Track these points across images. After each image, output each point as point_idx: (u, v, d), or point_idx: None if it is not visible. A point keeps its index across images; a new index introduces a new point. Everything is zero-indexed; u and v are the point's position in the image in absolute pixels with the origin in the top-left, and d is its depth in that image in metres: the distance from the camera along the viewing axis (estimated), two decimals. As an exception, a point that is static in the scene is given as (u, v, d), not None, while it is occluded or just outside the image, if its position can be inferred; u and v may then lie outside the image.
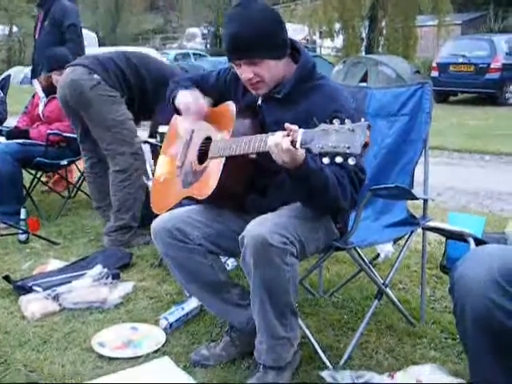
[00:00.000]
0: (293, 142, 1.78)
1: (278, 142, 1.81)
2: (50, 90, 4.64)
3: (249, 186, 2.22)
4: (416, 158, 2.64)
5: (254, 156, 2.02)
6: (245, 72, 2.13)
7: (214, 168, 2.20)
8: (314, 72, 2.23)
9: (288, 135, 1.80)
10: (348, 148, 1.63)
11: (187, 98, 2.38)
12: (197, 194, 2.29)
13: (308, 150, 1.74)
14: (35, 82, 4.80)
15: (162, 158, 2.71)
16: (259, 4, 2.12)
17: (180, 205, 2.41)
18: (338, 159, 1.65)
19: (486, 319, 1.52)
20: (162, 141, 2.97)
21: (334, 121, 1.68)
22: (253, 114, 2.25)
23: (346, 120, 1.67)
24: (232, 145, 2.09)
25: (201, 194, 2.25)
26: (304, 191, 1.99)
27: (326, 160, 1.67)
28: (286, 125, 1.81)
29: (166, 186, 2.56)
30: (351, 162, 1.64)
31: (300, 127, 1.78)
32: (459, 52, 14.15)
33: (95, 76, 3.65)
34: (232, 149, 2.09)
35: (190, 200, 2.35)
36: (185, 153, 2.45)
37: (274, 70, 2.13)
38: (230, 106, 2.27)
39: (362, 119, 1.67)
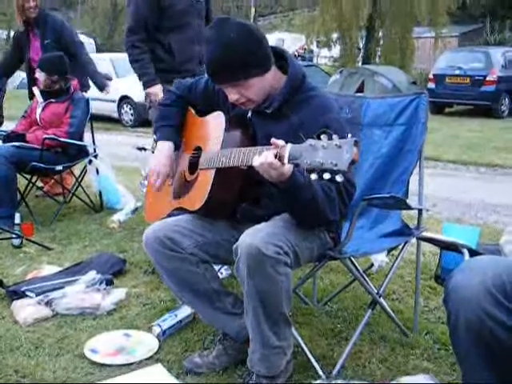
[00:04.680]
0: (281, 158, 1.78)
1: (264, 160, 1.81)
2: (48, 93, 4.65)
3: (240, 196, 2.21)
4: (411, 168, 2.65)
5: (244, 168, 2.02)
6: (230, 94, 2.12)
7: (205, 179, 2.20)
8: (304, 83, 2.19)
9: (275, 153, 1.79)
10: (335, 165, 1.62)
11: (159, 161, 2.40)
12: (188, 205, 2.28)
13: (296, 166, 1.75)
14: (35, 88, 4.81)
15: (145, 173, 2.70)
16: (233, 23, 2.06)
17: (172, 214, 2.40)
18: (326, 176, 1.65)
19: (479, 330, 1.52)
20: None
21: (322, 136, 1.67)
22: (243, 126, 2.23)
23: (333, 136, 1.66)
24: (222, 157, 2.09)
25: (192, 205, 2.25)
26: (291, 204, 1.99)
27: (313, 176, 1.67)
28: (273, 140, 1.81)
29: (158, 195, 2.55)
30: (339, 178, 1.64)
31: (291, 141, 1.78)
32: (455, 64, 14.23)
33: None
34: (221, 161, 2.08)
35: (182, 210, 2.35)
36: (176, 162, 2.45)
37: (259, 86, 2.10)
38: (220, 117, 2.26)
39: (349, 135, 1.66)
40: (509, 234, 2.50)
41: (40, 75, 4.65)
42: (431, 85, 14.33)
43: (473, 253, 2.33)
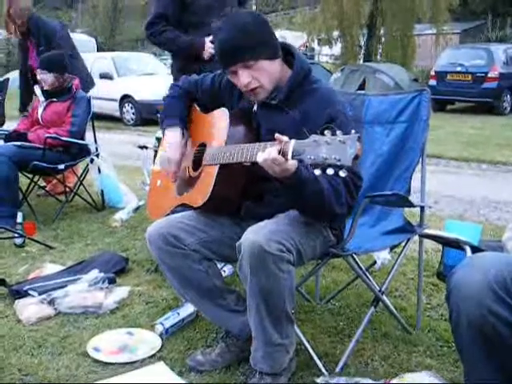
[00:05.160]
0: (284, 154, 1.78)
1: (268, 157, 1.81)
2: (49, 93, 4.65)
3: (244, 193, 2.22)
4: (413, 165, 2.64)
5: (248, 164, 2.02)
6: (242, 77, 2.11)
7: (209, 175, 2.20)
8: (309, 76, 2.21)
9: (279, 148, 1.79)
10: (339, 160, 1.62)
11: (170, 149, 2.38)
12: (191, 201, 2.29)
13: (300, 161, 1.75)
14: (36, 87, 4.80)
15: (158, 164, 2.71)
16: (245, 12, 2.16)
17: (175, 211, 2.41)
18: (330, 171, 1.65)
19: (481, 326, 1.52)
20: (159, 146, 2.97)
21: (325, 132, 1.68)
22: (247, 121, 2.24)
23: (336, 131, 1.67)
24: (226, 153, 2.09)
25: (195, 201, 2.25)
26: (298, 199, 1.98)
27: (317, 171, 1.68)
28: (277, 135, 1.81)
29: (161, 192, 2.56)
30: (342, 174, 1.64)
31: (295, 134, 1.79)
32: (457, 61, 14.21)
33: None
34: (226, 157, 2.09)
35: (185, 207, 2.35)
36: (180, 158, 2.45)
37: (269, 70, 2.12)
38: (224, 113, 2.26)
39: (353, 131, 1.66)
40: (511, 230, 2.50)
41: (47, 76, 4.60)
42: (433, 82, 14.32)
43: (475, 249, 2.32)
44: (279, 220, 2.08)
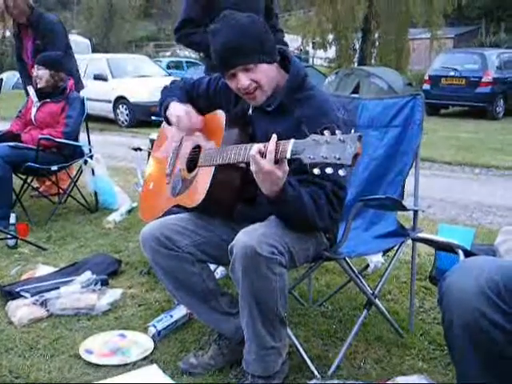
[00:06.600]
0: (283, 153, 1.79)
1: (261, 160, 1.84)
2: (43, 93, 4.63)
3: (238, 195, 2.22)
4: (407, 169, 2.65)
5: (243, 165, 2.02)
6: (241, 80, 2.10)
7: (204, 177, 2.20)
8: (305, 82, 2.21)
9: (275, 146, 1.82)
10: (338, 159, 1.63)
11: (179, 112, 2.34)
12: (186, 202, 2.28)
13: (298, 161, 1.75)
14: (30, 88, 4.79)
15: (151, 165, 2.71)
16: (241, 14, 2.13)
17: (169, 212, 2.40)
18: (329, 170, 1.65)
19: (473, 330, 1.52)
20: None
21: (325, 132, 1.69)
22: (243, 124, 2.25)
23: (336, 131, 1.67)
24: (222, 154, 2.10)
25: (190, 202, 2.25)
26: (282, 215, 2.04)
27: (316, 171, 1.68)
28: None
29: (154, 193, 2.56)
30: (342, 173, 1.65)
31: (291, 138, 1.79)
32: (451, 65, 14.25)
33: None
34: (222, 158, 2.09)
35: (179, 208, 2.35)
36: (174, 160, 2.45)
37: (268, 73, 2.12)
38: (220, 115, 2.26)
39: (352, 130, 1.67)
40: (504, 234, 2.51)
41: (44, 72, 4.59)
42: (426, 86, 14.36)
43: (468, 253, 2.33)
44: (272, 222, 2.08)
